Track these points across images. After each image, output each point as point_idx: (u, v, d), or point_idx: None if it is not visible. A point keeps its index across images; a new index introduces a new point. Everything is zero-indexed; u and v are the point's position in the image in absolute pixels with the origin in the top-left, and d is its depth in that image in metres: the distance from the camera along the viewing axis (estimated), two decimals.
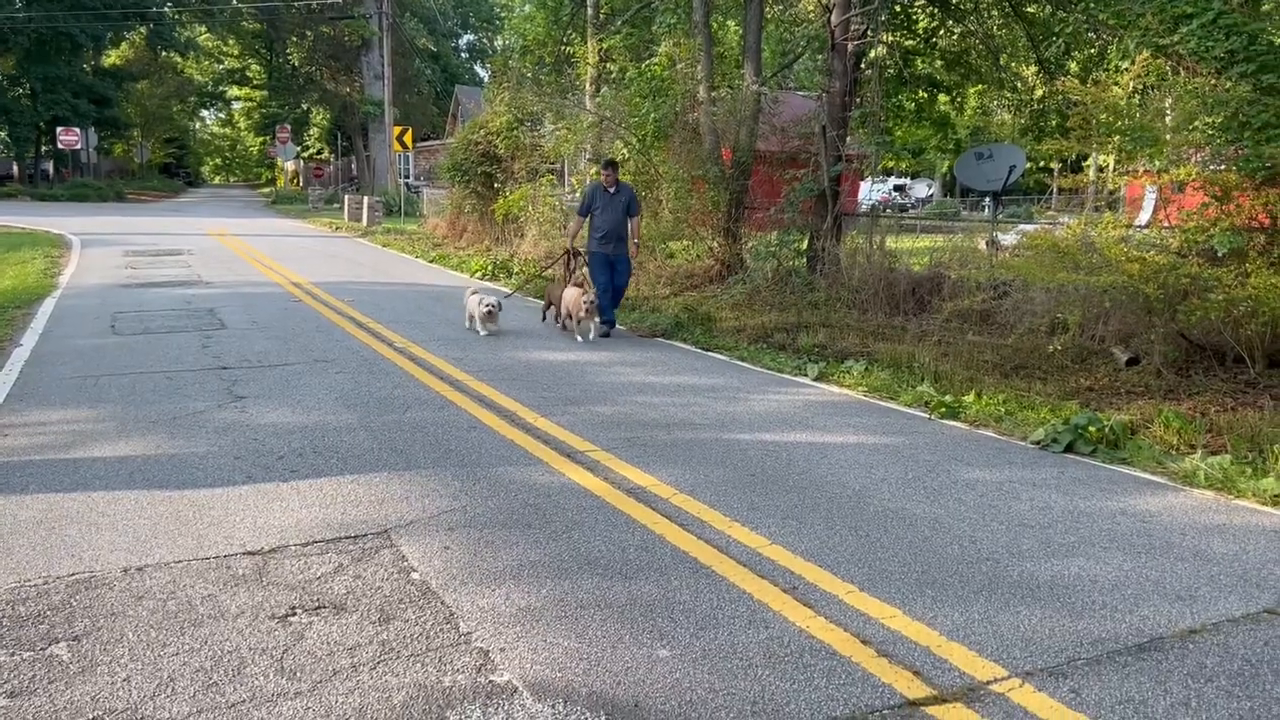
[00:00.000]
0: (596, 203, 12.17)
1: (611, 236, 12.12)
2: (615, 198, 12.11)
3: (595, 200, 12.18)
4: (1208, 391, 9.01)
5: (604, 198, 12.15)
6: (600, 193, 12.20)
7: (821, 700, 3.48)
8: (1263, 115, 8.70)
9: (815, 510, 5.68)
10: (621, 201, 12.13)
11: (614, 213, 12.09)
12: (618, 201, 12.12)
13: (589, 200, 12.32)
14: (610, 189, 12.16)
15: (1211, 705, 3.51)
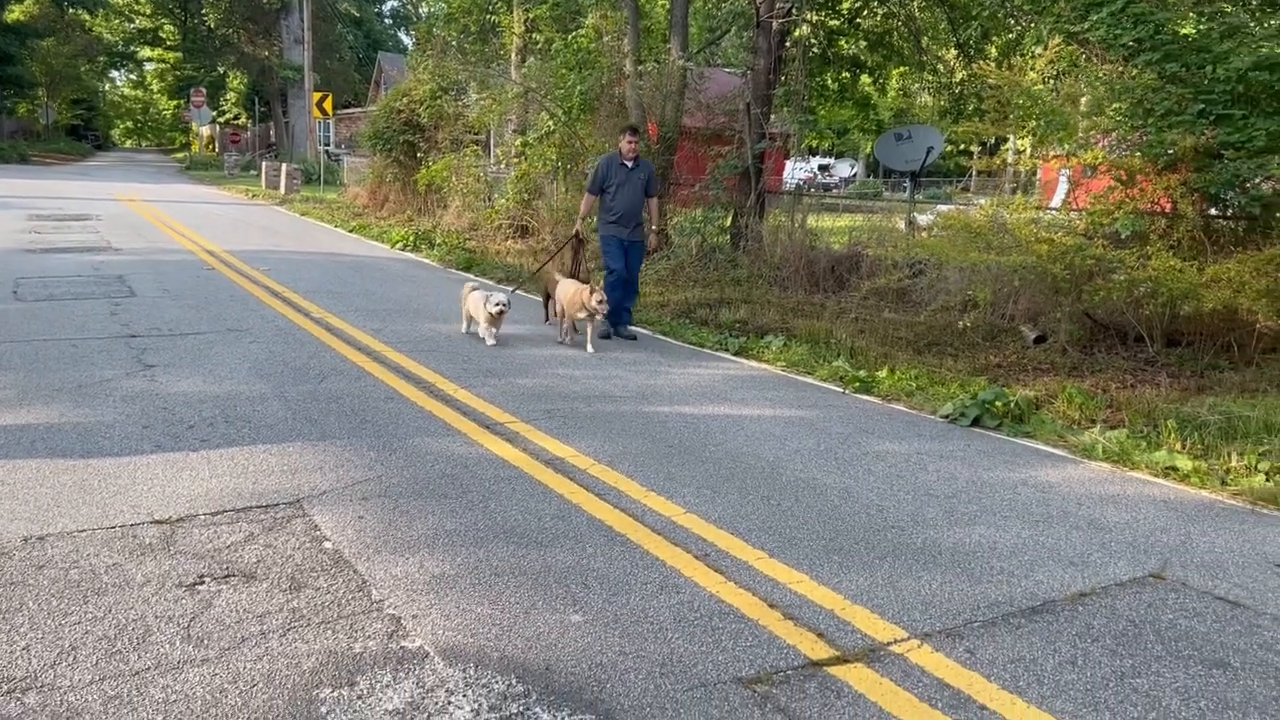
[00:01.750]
0: (611, 179, 10.46)
1: (629, 219, 10.49)
2: (634, 174, 10.44)
3: (610, 176, 10.48)
4: (1109, 369, 9.37)
5: (620, 173, 10.44)
6: (616, 168, 10.47)
7: (729, 661, 3.57)
8: (1165, 102, 9.03)
9: (730, 480, 5.78)
10: (641, 179, 10.49)
11: (632, 191, 10.44)
12: (636, 179, 10.46)
13: (603, 175, 10.55)
14: (628, 163, 10.45)
15: (1096, 663, 3.69)
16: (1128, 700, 3.41)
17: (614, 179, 10.48)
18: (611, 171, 10.52)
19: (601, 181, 10.58)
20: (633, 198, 10.48)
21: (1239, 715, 3.34)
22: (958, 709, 3.31)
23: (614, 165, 10.54)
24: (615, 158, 10.58)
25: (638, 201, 10.53)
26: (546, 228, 18.11)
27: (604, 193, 10.56)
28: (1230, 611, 4.23)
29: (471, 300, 9.81)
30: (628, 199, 10.48)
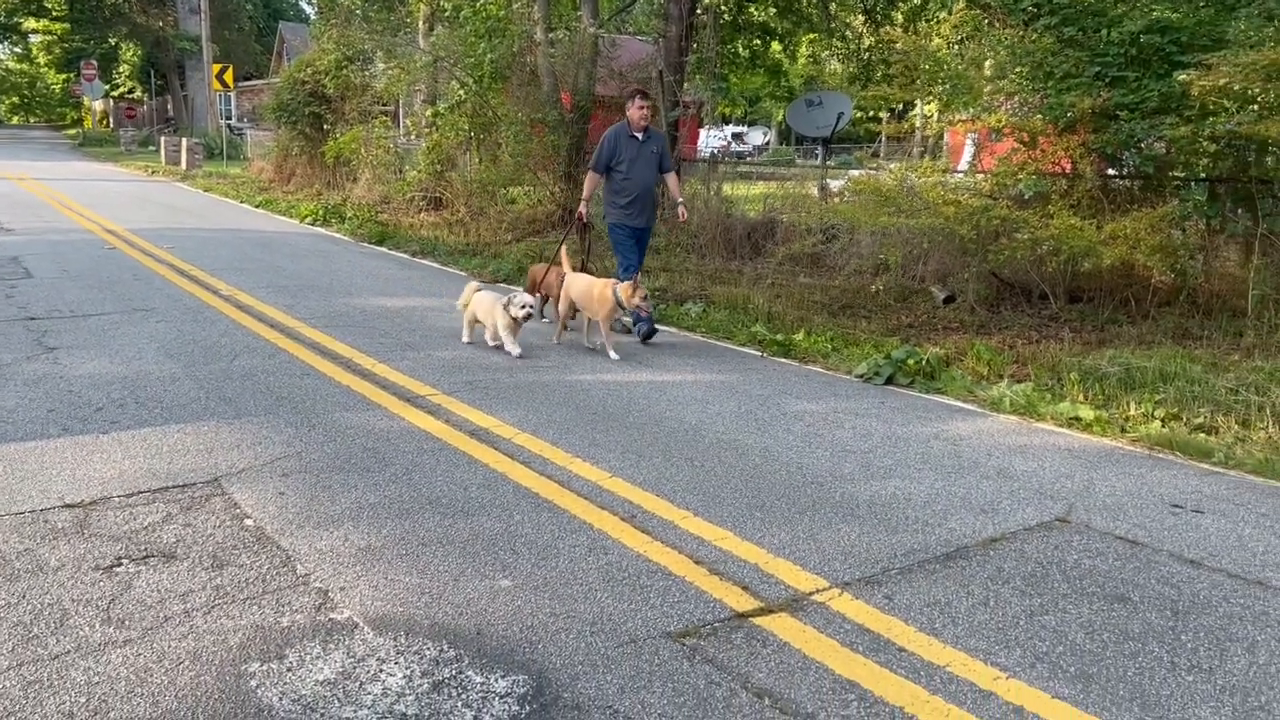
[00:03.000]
0: (621, 153, 8.86)
1: (642, 203, 8.98)
2: (645, 147, 8.89)
3: (619, 150, 8.87)
4: (1015, 326, 9.70)
5: (630, 147, 8.85)
6: (625, 140, 8.87)
7: (657, 617, 3.64)
8: (1064, 65, 9.30)
9: (654, 444, 5.85)
10: (654, 153, 8.95)
11: (645, 168, 8.90)
12: (649, 153, 8.90)
13: (610, 150, 8.92)
14: (638, 134, 8.89)
15: (1007, 603, 3.86)
16: (1037, 636, 3.59)
17: (623, 154, 8.83)
18: (620, 145, 8.85)
19: (609, 158, 8.91)
20: (647, 176, 8.92)
21: (1139, 645, 3.54)
22: (878, 652, 3.44)
23: (622, 138, 8.87)
24: (623, 129, 8.94)
25: (652, 180, 9.00)
26: (461, 199, 17.90)
27: (611, 171, 8.93)
28: (1130, 550, 4.45)
29: (480, 302, 8.30)
30: (642, 177, 8.88)
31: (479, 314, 8.29)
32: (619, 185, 8.92)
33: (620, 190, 8.92)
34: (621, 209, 8.95)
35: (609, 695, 3.11)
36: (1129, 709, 3.11)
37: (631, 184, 8.86)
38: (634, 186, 8.86)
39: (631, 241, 9.01)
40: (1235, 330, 8.56)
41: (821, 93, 16.40)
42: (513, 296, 8.03)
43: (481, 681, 3.17)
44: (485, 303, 8.24)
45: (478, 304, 8.31)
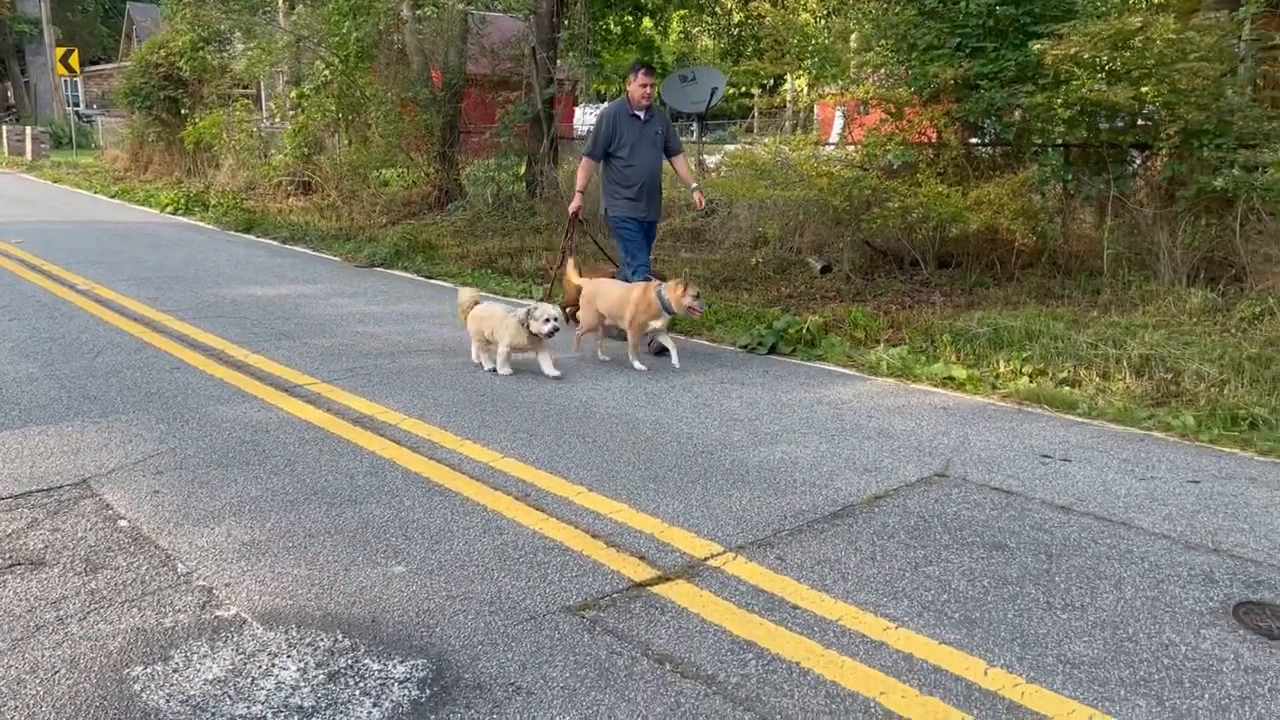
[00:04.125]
0: (621, 136, 7.83)
1: (649, 190, 7.94)
2: (648, 128, 7.89)
3: (620, 132, 7.84)
4: (889, 292, 10.00)
5: (632, 128, 7.84)
6: (626, 121, 7.87)
7: (556, 592, 3.63)
8: (926, 37, 9.60)
9: (545, 423, 5.82)
10: (659, 134, 7.96)
11: (651, 152, 7.90)
12: (652, 135, 7.90)
13: (609, 132, 7.87)
14: (640, 114, 7.88)
15: (892, 556, 4.00)
16: (922, 586, 3.72)
17: (624, 136, 7.81)
18: (620, 127, 7.84)
19: (607, 141, 7.88)
20: (653, 161, 7.92)
21: (1016, 588, 3.71)
22: (772, 611, 3.51)
23: (622, 118, 7.87)
24: (622, 108, 7.95)
25: (659, 166, 8.03)
26: (331, 183, 17.40)
27: (611, 157, 7.92)
28: (1005, 500, 4.66)
29: (488, 316, 6.93)
30: (646, 163, 7.86)
31: (489, 329, 6.90)
32: (621, 173, 7.87)
33: (623, 179, 7.86)
34: (628, 200, 7.87)
35: (510, 672, 3.09)
36: (1010, 648, 3.26)
37: (636, 171, 7.80)
38: (639, 174, 7.81)
39: (642, 237, 8.02)
40: (1093, 288, 9.02)
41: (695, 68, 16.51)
42: (532, 309, 6.69)
43: (379, 668, 3.11)
44: (495, 316, 6.89)
45: (487, 319, 6.92)
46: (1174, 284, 8.43)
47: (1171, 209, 9.03)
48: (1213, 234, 8.79)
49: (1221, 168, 8.24)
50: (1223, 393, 6.19)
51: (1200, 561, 3.94)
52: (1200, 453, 5.40)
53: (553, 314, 6.64)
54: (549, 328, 6.59)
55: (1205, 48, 8.75)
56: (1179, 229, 8.69)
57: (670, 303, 7.04)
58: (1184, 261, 8.56)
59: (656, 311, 7.11)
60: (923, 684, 3.04)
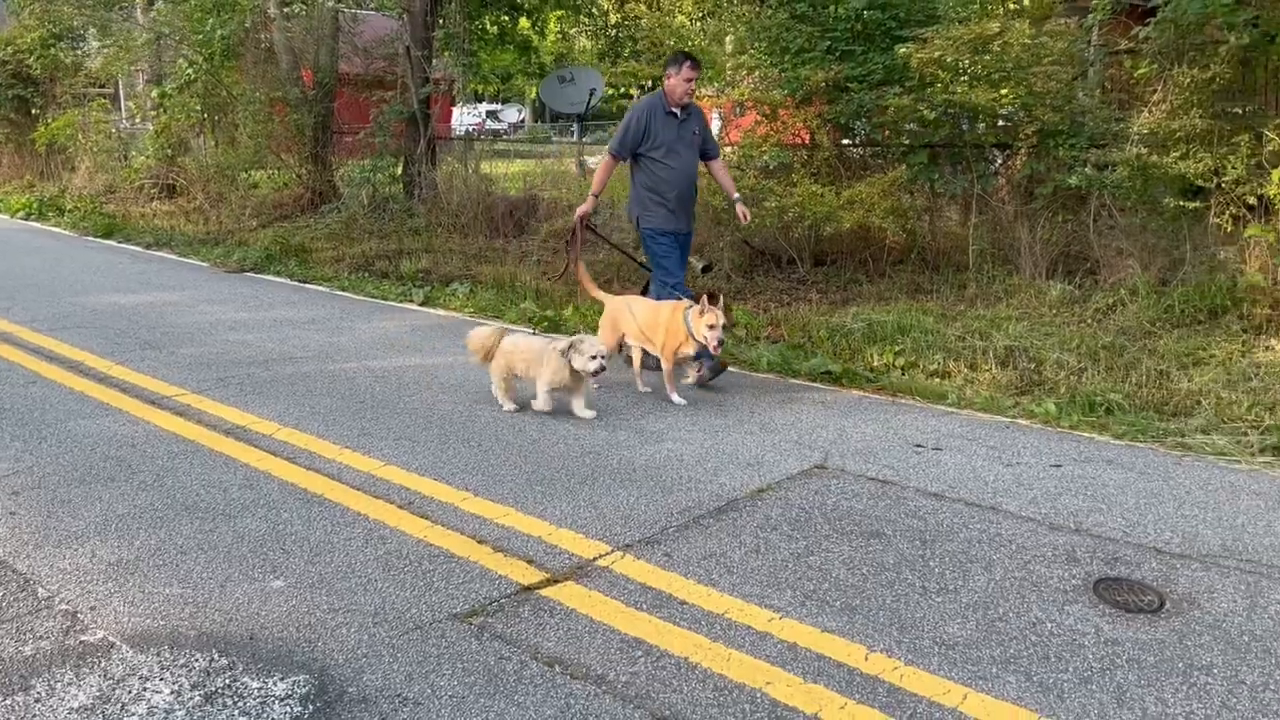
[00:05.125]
0: (656, 135, 6.80)
1: (685, 199, 6.99)
2: (686, 128, 6.90)
3: (653, 131, 6.80)
4: (768, 290, 10.20)
5: (668, 127, 6.83)
6: (662, 118, 6.82)
7: (442, 600, 3.58)
8: (798, 41, 9.83)
9: (429, 429, 5.73)
10: (696, 134, 6.98)
11: (688, 155, 6.93)
12: (689, 135, 6.92)
13: (640, 130, 6.82)
14: (676, 111, 6.85)
15: (775, 548, 4.08)
16: (804, 576, 3.81)
17: (660, 136, 6.80)
18: (655, 124, 6.80)
19: (637, 140, 6.84)
20: (690, 165, 6.96)
21: (894, 574, 3.84)
22: (660, 607, 3.54)
23: (657, 114, 6.82)
24: (657, 103, 6.87)
25: (695, 171, 7.05)
26: (197, 185, 16.74)
27: (642, 159, 6.88)
28: (881, 489, 4.81)
29: (521, 350, 6.07)
30: (685, 167, 6.89)
31: (518, 365, 6.08)
32: (656, 178, 6.84)
33: (657, 185, 6.84)
34: (665, 210, 6.87)
35: (396, 684, 3.03)
36: (888, 633, 3.37)
37: (673, 175, 6.82)
38: (676, 179, 6.83)
39: (678, 252, 7.06)
40: (960, 283, 9.39)
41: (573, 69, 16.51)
42: (576, 342, 5.84)
43: (259, 686, 3.01)
44: (529, 351, 6.04)
45: (517, 353, 6.08)
46: (1034, 278, 8.84)
47: (1031, 206, 9.46)
48: (1069, 229, 9.26)
49: (1075, 166, 8.68)
50: (1081, 380, 6.53)
51: (1063, 541, 4.15)
52: (1061, 438, 5.69)
53: (599, 350, 5.83)
54: (595, 366, 5.75)
55: (1057, 52, 9.22)
56: (1038, 225, 9.11)
57: (692, 329, 6.18)
58: (1043, 256, 8.98)
59: (685, 336, 6.23)
60: (807, 672, 3.11)
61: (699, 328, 6.11)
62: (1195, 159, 7.81)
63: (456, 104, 23.75)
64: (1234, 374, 6.44)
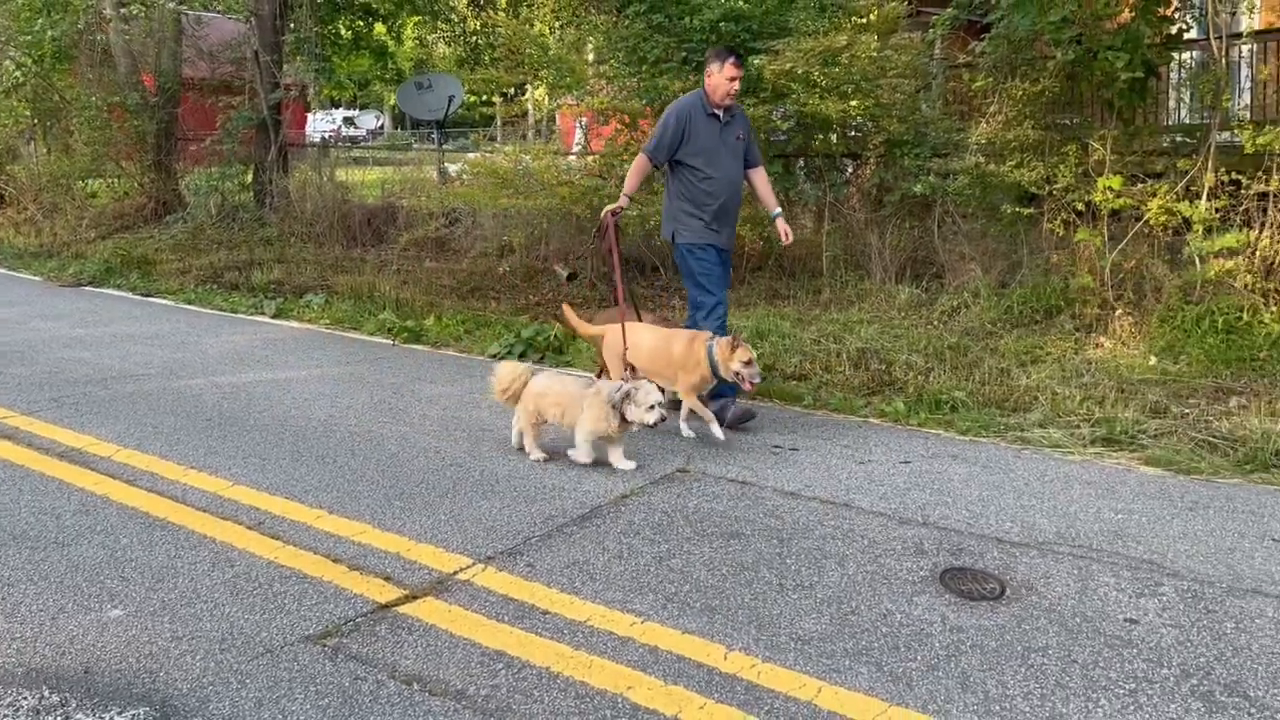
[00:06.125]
0: (697, 138, 5.97)
1: (730, 211, 6.17)
2: (729, 132, 6.06)
3: (693, 134, 5.96)
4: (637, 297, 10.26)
5: (709, 130, 5.99)
6: (703, 121, 5.98)
7: (294, 623, 3.46)
8: (655, 51, 9.95)
9: (280, 445, 5.54)
10: (740, 139, 6.13)
11: (731, 163, 6.09)
12: (733, 139, 6.08)
13: (679, 130, 5.95)
14: (719, 112, 6.01)
15: (639, 553, 4.10)
16: (666, 579, 3.84)
17: (700, 140, 5.97)
18: (694, 126, 5.97)
19: (675, 144, 5.97)
20: (734, 173, 6.12)
21: (753, 574, 3.91)
22: (523, 619, 3.51)
23: (697, 115, 5.98)
24: (697, 103, 6.02)
25: (740, 179, 6.23)
26: (28, 195, 15.75)
27: (680, 166, 6.04)
28: (740, 490, 4.90)
29: (555, 393, 5.31)
30: (728, 175, 6.07)
31: (550, 410, 5.32)
32: (695, 188, 6.02)
33: (696, 195, 6.02)
34: (702, 223, 6.03)
35: (245, 712, 2.91)
36: (747, 631, 3.43)
37: (715, 185, 6.00)
38: (719, 189, 6.02)
39: (720, 269, 6.20)
40: (814, 289, 9.66)
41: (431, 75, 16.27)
42: (633, 390, 5.07)
43: None
44: (562, 393, 5.30)
45: (550, 397, 5.32)
46: (884, 282, 9.18)
47: (880, 213, 9.83)
48: (916, 235, 9.66)
49: (920, 175, 9.06)
50: (928, 380, 6.80)
51: (912, 535, 4.31)
52: (910, 435, 5.92)
53: (658, 398, 5.06)
54: (654, 418, 5.01)
55: (902, 65, 9.62)
56: (887, 231, 9.47)
57: (718, 363, 5.54)
58: (892, 261, 9.34)
59: (704, 372, 5.60)
60: (667, 674, 3.14)
61: (729, 364, 5.47)
62: (1029, 168, 8.27)
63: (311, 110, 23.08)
64: (1067, 370, 6.84)
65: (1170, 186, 7.78)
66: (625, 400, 5.03)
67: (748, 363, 5.49)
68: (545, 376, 5.50)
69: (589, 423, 5.14)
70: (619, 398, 5.04)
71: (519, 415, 5.43)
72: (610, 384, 5.26)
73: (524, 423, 5.40)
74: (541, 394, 5.32)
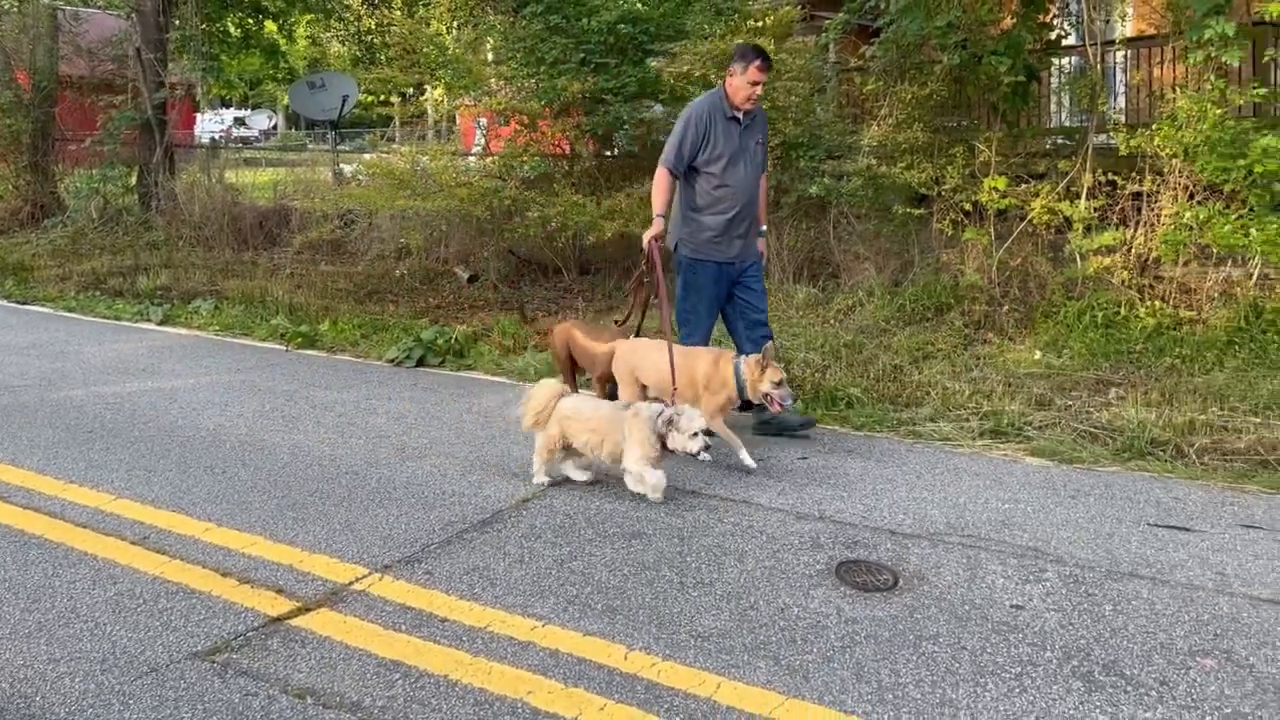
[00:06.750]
0: (716, 143, 5.55)
1: (744, 221, 5.72)
2: (748, 137, 5.67)
3: (713, 139, 5.55)
4: (535, 299, 10.22)
5: (729, 135, 5.59)
6: (723, 125, 5.58)
7: (180, 640, 3.33)
8: (553, 52, 9.91)
9: (167, 457, 5.34)
10: (758, 145, 5.76)
11: (749, 170, 5.68)
12: (752, 144, 5.70)
13: (700, 134, 5.54)
14: (739, 114, 5.60)
15: (540, 556, 4.08)
16: (568, 581, 3.83)
17: (719, 145, 5.56)
18: (714, 130, 5.55)
19: (695, 148, 5.56)
20: (751, 181, 5.70)
21: (654, 573, 3.92)
22: (420, 627, 3.45)
23: (717, 118, 5.57)
24: (717, 104, 5.61)
25: (757, 187, 5.80)
26: None
27: (693, 172, 5.63)
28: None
29: (585, 417, 4.87)
30: (745, 183, 5.66)
31: (579, 436, 4.85)
32: (709, 197, 5.62)
33: (710, 205, 5.62)
34: (709, 236, 5.65)
35: None
36: (648, 630, 3.44)
37: (730, 194, 5.59)
38: (734, 198, 5.60)
39: (717, 287, 5.78)
40: None
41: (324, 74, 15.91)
42: (676, 416, 4.64)
43: None
44: (596, 418, 4.85)
45: (575, 420, 4.86)
46: (783, 282, 9.32)
47: (778, 214, 9.98)
48: (812, 236, 9.83)
49: (815, 177, 9.23)
50: (825, 377, 6.93)
51: (809, 529, 4.39)
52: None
53: (703, 425, 4.66)
54: (697, 446, 4.59)
55: (797, 69, 9.79)
56: (784, 232, 9.62)
57: (745, 382, 5.18)
58: (790, 261, 9.50)
59: (734, 392, 5.23)
60: (568, 677, 3.13)
61: (758, 385, 5.13)
62: (919, 169, 8.49)
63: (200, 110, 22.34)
64: (957, 366, 7.05)
65: (1052, 187, 8.08)
66: (668, 426, 4.61)
67: (779, 383, 5.14)
68: (574, 400, 5.02)
69: (636, 449, 4.65)
70: (662, 423, 4.62)
71: (542, 439, 4.92)
72: (648, 406, 4.79)
73: (545, 448, 4.92)
74: (569, 418, 4.84)
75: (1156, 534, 4.32)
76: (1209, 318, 7.17)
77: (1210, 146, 6.94)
